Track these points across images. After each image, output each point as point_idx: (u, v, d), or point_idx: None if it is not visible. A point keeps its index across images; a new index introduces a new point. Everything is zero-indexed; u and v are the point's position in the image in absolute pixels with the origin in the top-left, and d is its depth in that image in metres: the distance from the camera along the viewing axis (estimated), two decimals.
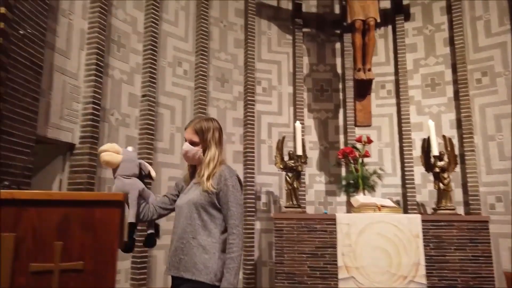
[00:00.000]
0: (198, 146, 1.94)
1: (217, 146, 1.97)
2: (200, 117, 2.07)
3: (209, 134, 1.96)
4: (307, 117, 5.85)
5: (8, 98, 2.88)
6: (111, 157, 1.88)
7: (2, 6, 2.79)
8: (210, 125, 1.99)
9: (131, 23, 4.68)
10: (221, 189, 1.86)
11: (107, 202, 1.11)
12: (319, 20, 6.17)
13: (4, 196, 1.02)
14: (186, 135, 1.99)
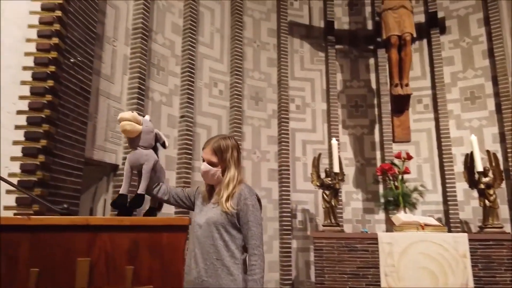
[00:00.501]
0: (217, 167, 1.92)
1: (236, 165, 1.96)
2: (218, 136, 2.02)
3: (228, 154, 1.94)
4: (342, 133, 5.81)
5: (60, 123, 3.04)
6: (132, 127, 1.82)
7: (55, 36, 2.98)
8: (228, 144, 1.96)
9: (170, 47, 4.85)
10: (241, 209, 1.85)
11: (174, 227, 1.14)
12: (351, 37, 6.17)
13: (79, 222, 1.08)
14: (204, 155, 1.95)
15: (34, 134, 2.81)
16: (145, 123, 1.90)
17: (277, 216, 5.32)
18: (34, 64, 2.91)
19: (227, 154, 1.92)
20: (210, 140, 1.98)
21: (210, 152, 1.92)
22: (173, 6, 4.97)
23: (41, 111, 2.85)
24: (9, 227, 1.08)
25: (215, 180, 1.93)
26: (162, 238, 1.12)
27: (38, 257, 1.06)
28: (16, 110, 2.84)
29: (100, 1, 3.73)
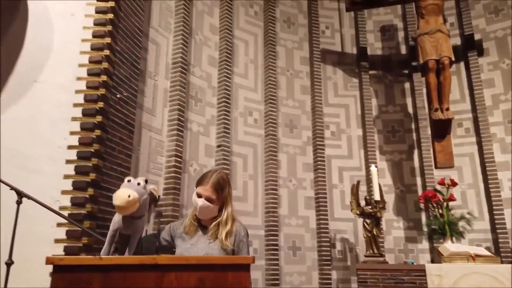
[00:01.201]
0: (215, 203, 1.92)
1: (231, 202, 2.00)
2: (213, 172, 1.99)
3: (226, 191, 1.97)
4: (379, 159, 5.69)
5: (107, 157, 3.15)
6: (133, 208, 1.60)
7: (104, 74, 3.13)
8: (225, 180, 2.00)
9: (206, 78, 4.99)
10: (238, 245, 1.94)
11: (238, 266, 1.14)
12: (385, 62, 6.14)
13: (148, 262, 1.09)
14: (203, 192, 1.91)
15: (83, 168, 2.92)
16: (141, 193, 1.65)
17: (316, 246, 5.20)
18: (84, 101, 3.06)
19: (226, 191, 1.96)
20: (206, 176, 1.97)
21: (210, 189, 1.91)
22: (209, 40, 5.14)
23: (90, 145, 2.97)
24: (81, 267, 1.10)
25: (211, 215, 1.96)
26: (227, 277, 1.12)
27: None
28: (67, 145, 2.97)
29: (143, 38, 3.92)
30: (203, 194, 1.91)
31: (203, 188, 1.92)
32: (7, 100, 3.05)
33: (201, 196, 1.90)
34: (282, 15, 6.09)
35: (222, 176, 1.98)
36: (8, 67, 3.13)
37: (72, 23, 3.22)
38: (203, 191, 1.91)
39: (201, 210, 1.90)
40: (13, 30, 3.21)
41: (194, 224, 1.99)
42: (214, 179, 1.93)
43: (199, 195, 1.92)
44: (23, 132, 2.96)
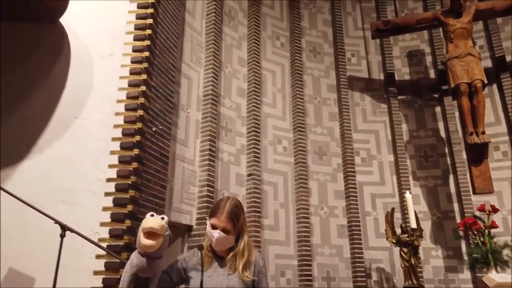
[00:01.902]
0: (231, 234, 1.83)
1: (246, 231, 1.91)
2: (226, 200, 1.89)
3: (241, 219, 1.87)
4: (413, 185, 5.55)
5: (143, 188, 3.23)
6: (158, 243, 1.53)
7: (140, 109, 3.26)
8: (239, 207, 1.88)
9: (236, 109, 5.09)
10: (257, 276, 1.89)
11: None
12: (414, 87, 6.10)
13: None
14: (218, 223, 1.81)
15: (121, 200, 3.00)
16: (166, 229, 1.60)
17: (350, 276, 5.05)
18: (122, 135, 3.18)
19: (241, 219, 1.87)
20: (219, 206, 1.86)
21: (226, 219, 1.81)
22: (238, 72, 5.28)
23: (128, 178, 3.06)
24: None
25: (227, 246, 1.86)
26: None
27: None
28: (106, 178, 3.08)
29: (176, 73, 4.07)
30: (219, 225, 1.81)
31: (218, 219, 1.82)
32: (49, 136, 3.21)
33: (217, 227, 1.81)
34: (308, 45, 6.21)
35: (236, 203, 1.88)
36: (51, 105, 3.31)
37: (110, 62, 3.40)
38: (218, 222, 1.81)
39: (217, 242, 1.81)
40: (56, 70, 3.42)
41: (209, 255, 1.89)
42: (228, 208, 1.83)
43: (214, 226, 1.82)
44: (65, 167, 3.09)
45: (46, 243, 2.73)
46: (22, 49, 3.47)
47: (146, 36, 3.45)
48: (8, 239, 2.87)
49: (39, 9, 3.38)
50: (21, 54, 3.45)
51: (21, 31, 3.51)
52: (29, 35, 3.50)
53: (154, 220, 1.54)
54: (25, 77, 3.38)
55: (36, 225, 2.82)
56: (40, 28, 3.50)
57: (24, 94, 3.32)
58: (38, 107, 3.28)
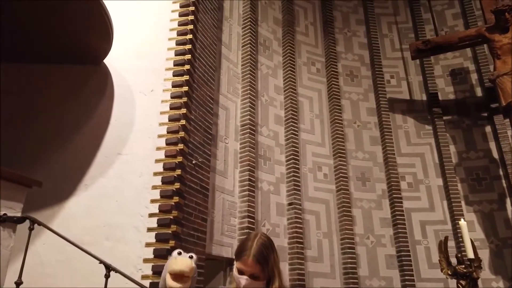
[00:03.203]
0: (261, 279, 1.54)
1: (279, 274, 1.58)
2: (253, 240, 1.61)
3: (271, 261, 1.55)
4: (466, 211, 5.18)
5: (185, 222, 3.21)
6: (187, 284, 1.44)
7: (181, 142, 3.29)
8: (268, 247, 1.58)
9: (274, 137, 5.05)
10: None
11: None
12: (460, 106, 5.81)
13: None
14: (244, 268, 1.54)
15: (163, 236, 2.99)
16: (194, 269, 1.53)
17: None
18: (163, 169, 3.20)
19: (271, 261, 1.55)
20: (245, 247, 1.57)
21: (253, 263, 1.52)
22: (275, 100, 5.27)
23: (170, 212, 3.05)
24: None
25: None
26: None
27: None
28: (148, 213, 3.09)
29: (214, 105, 4.11)
30: (246, 270, 1.53)
31: (244, 264, 1.54)
32: (95, 172, 3.30)
33: (244, 272, 1.54)
34: (344, 69, 6.13)
35: (264, 242, 1.59)
36: (96, 141, 3.42)
37: (151, 98, 3.49)
38: (245, 267, 1.53)
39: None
40: (100, 108, 3.56)
41: None
42: (255, 249, 1.54)
43: (241, 271, 1.55)
44: (110, 203, 3.14)
45: (92, 280, 2.74)
46: (69, 89, 3.65)
47: (184, 71, 3.53)
48: (55, 276, 2.92)
49: (85, 52, 3.56)
50: (68, 94, 3.63)
51: (69, 73, 3.70)
52: (76, 76, 3.68)
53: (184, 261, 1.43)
54: (72, 116, 3.53)
55: (82, 262, 2.85)
56: (86, 69, 3.67)
57: (71, 132, 3.46)
58: (84, 143, 3.40)
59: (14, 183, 2.23)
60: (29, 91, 3.66)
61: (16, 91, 3.66)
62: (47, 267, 2.93)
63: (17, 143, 3.43)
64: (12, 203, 2.20)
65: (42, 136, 3.48)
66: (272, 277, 1.54)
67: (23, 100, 3.65)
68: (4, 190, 2.17)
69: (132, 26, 3.79)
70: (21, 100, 3.65)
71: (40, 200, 3.13)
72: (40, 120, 3.55)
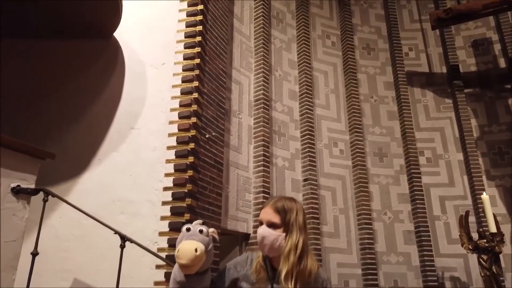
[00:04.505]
0: (279, 230, 1.44)
1: (302, 231, 1.46)
2: (281, 196, 1.57)
3: (291, 215, 1.46)
4: (487, 185, 5.03)
5: (199, 196, 3.17)
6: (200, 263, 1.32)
7: (194, 116, 3.22)
8: (293, 205, 1.49)
9: (288, 112, 4.95)
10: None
11: None
12: (482, 78, 5.58)
13: None
14: (263, 216, 1.48)
15: (178, 209, 2.96)
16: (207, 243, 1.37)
17: (421, 286, 4.65)
18: (176, 143, 3.16)
19: (291, 216, 1.45)
20: (270, 200, 1.54)
21: (271, 211, 1.46)
22: (289, 75, 5.14)
23: (184, 186, 3.02)
24: None
25: (276, 249, 1.43)
26: None
27: None
28: (163, 187, 3.06)
29: (227, 79, 4.02)
30: (264, 218, 1.47)
31: (263, 211, 1.50)
32: (108, 147, 3.27)
33: (263, 222, 1.48)
34: (360, 42, 5.93)
35: (288, 198, 1.53)
36: (108, 116, 3.38)
37: (163, 72, 3.42)
38: (264, 214, 1.48)
39: (261, 240, 1.44)
40: (111, 83, 3.51)
41: (263, 266, 1.50)
42: (277, 202, 1.49)
43: (260, 222, 1.49)
44: (124, 177, 3.12)
45: (108, 254, 2.75)
46: (81, 64, 3.61)
47: (196, 43, 3.44)
48: (71, 250, 2.94)
49: (94, 26, 3.49)
50: (80, 70, 3.58)
51: (79, 48, 3.65)
52: (86, 51, 3.63)
53: (186, 252, 1.28)
54: (83, 92, 3.50)
55: (97, 236, 2.86)
56: (96, 44, 3.61)
57: (83, 108, 3.43)
58: (96, 119, 3.37)
59: (27, 155, 2.21)
60: (41, 67, 3.64)
61: (28, 68, 3.64)
62: (64, 241, 2.95)
63: (30, 119, 3.43)
64: (26, 175, 2.18)
65: (54, 112, 3.46)
66: (290, 230, 1.44)
67: (36, 76, 3.63)
68: (17, 162, 2.15)
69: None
70: (34, 76, 3.63)
71: (54, 176, 3.14)
72: (52, 96, 3.53)
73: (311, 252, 1.51)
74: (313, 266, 1.46)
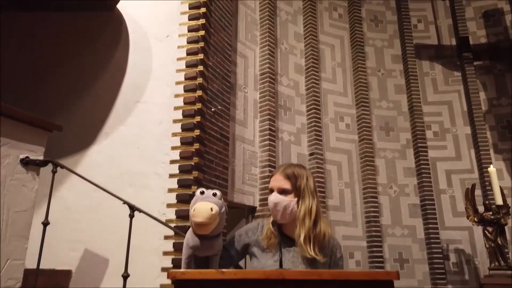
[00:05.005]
0: (290, 196, 1.45)
1: (314, 196, 1.47)
2: (290, 163, 1.57)
3: (302, 181, 1.46)
4: (494, 159, 5.00)
5: (206, 169, 3.19)
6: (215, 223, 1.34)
7: (199, 89, 3.20)
8: (303, 171, 1.50)
9: (294, 87, 4.90)
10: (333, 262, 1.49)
11: (380, 282, 0.97)
12: (492, 50, 5.46)
13: (274, 277, 0.99)
14: (273, 183, 1.48)
15: (186, 182, 2.98)
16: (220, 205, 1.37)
17: (426, 258, 4.71)
18: (182, 116, 3.15)
19: (302, 181, 1.46)
20: (279, 167, 1.55)
21: (281, 177, 1.46)
22: (295, 48, 5.06)
23: (191, 159, 3.03)
24: (203, 282, 1.04)
25: (289, 215, 1.44)
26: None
27: None
28: (170, 160, 3.08)
29: (232, 52, 3.97)
30: (274, 185, 1.46)
31: (273, 179, 1.49)
32: (114, 121, 3.28)
33: (273, 189, 1.47)
34: (368, 14, 5.80)
35: (298, 167, 1.52)
36: (114, 90, 3.37)
37: (167, 44, 3.38)
38: (274, 181, 1.48)
39: (273, 207, 1.44)
40: (116, 56, 3.48)
41: (274, 233, 1.50)
42: (287, 168, 1.49)
43: (271, 189, 1.49)
44: (131, 150, 3.14)
45: (117, 225, 2.79)
46: (85, 38, 3.57)
47: (200, 14, 3.38)
48: (81, 221, 2.99)
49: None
50: (82, 43, 3.55)
51: (83, 21, 3.60)
52: (90, 24, 3.59)
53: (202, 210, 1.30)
54: (89, 65, 3.48)
55: (106, 207, 2.90)
56: (100, 17, 3.57)
57: (89, 81, 3.42)
58: (102, 92, 3.37)
59: (35, 127, 2.22)
60: (46, 41, 3.61)
61: (34, 41, 3.61)
62: (74, 212, 3.00)
63: (36, 94, 3.43)
64: (34, 147, 2.20)
65: (60, 86, 3.46)
66: (302, 195, 1.44)
67: (41, 50, 3.60)
68: (25, 134, 2.16)
69: None
70: (39, 50, 3.60)
71: (62, 149, 3.16)
72: (57, 70, 3.52)
73: (324, 217, 1.53)
74: (327, 229, 1.48)
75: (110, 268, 2.86)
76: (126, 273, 2.25)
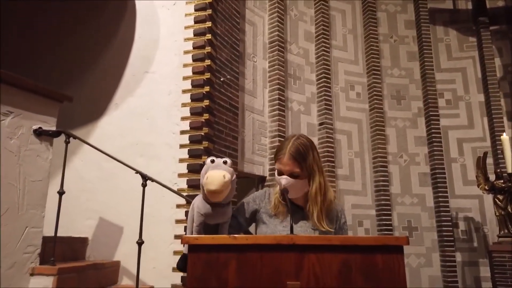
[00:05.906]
0: (301, 177, 1.47)
1: (320, 171, 1.51)
2: (290, 139, 1.54)
3: (309, 158, 1.47)
4: (507, 127, 4.92)
5: (216, 139, 3.20)
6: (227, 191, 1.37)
7: (208, 58, 3.16)
8: (306, 145, 1.50)
9: (304, 55, 4.81)
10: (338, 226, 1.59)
11: (390, 247, 0.99)
12: (509, 14, 5.25)
13: (285, 242, 1.00)
14: (282, 167, 1.48)
15: (196, 152, 3.00)
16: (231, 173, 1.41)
17: (435, 226, 4.75)
18: (191, 86, 3.13)
19: (309, 158, 1.48)
20: (282, 147, 1.53)
21: (290, 161, 1.46)
22: (305, 14, 4.93)
23: (200, 129, 3.04)
24: (215, 247, 1.06)
25: (302, 192, 1.52)
26: (376, 260, 0.97)
27: (246, 278, 1.01)
28: (180, 131, 3.09)
29: (240, 20, 3.89)
30: (284, 169, 1.48)
31: (281, 163, 1.49)
32: (123, 92, 3.28)
33: (283, 172, 1.49)
34: None
35: (302, 142, 1.51)
36: (122, 61, 3.35)
37: (174, 12, 3.32)
38: (282, 165, 1.49)
39: (284, 189, 1.49)
40: (123, 26, 3.43)
41: (282, 203, 1.55)
42: (292, 148, 1.48)
43: (280, 172, 1.50)
44: (141, 121, 3.15)
45: (129, 195, 2.85)
46: (91, 9, 3.52)
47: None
48: (95, 191, 3.06)
49: None
50: (90, 14, 3.50)
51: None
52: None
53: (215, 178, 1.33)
54: (95, 36, 3.45)
55: (119, 177, 2.95)
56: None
57: (96, 53, 3.40)
58: (110, 63, 3.35)
59: (47, 97, 2.23)
60: (51, 12, 3.56)
61: (40, 13, 3.57)
62: (87, 182, 3.07)
63: (45, 67, 3.43)
64: (46, 117, 2.22)
65: (69, 58, 3.45)
66: (312, 174, 1.48)
67: (47, 22, 3.57)
68: (37, 104, 2.18)
69: None
70: (46, 22, 3.57)
71: (73, 121, 3.19)
72: (65, 41, 3.49)
73: (328, 184, 1.58)
74: (331, 195, 1.56)
75: (124, 235, 2.95)
76: (141, 239, 2.31)
